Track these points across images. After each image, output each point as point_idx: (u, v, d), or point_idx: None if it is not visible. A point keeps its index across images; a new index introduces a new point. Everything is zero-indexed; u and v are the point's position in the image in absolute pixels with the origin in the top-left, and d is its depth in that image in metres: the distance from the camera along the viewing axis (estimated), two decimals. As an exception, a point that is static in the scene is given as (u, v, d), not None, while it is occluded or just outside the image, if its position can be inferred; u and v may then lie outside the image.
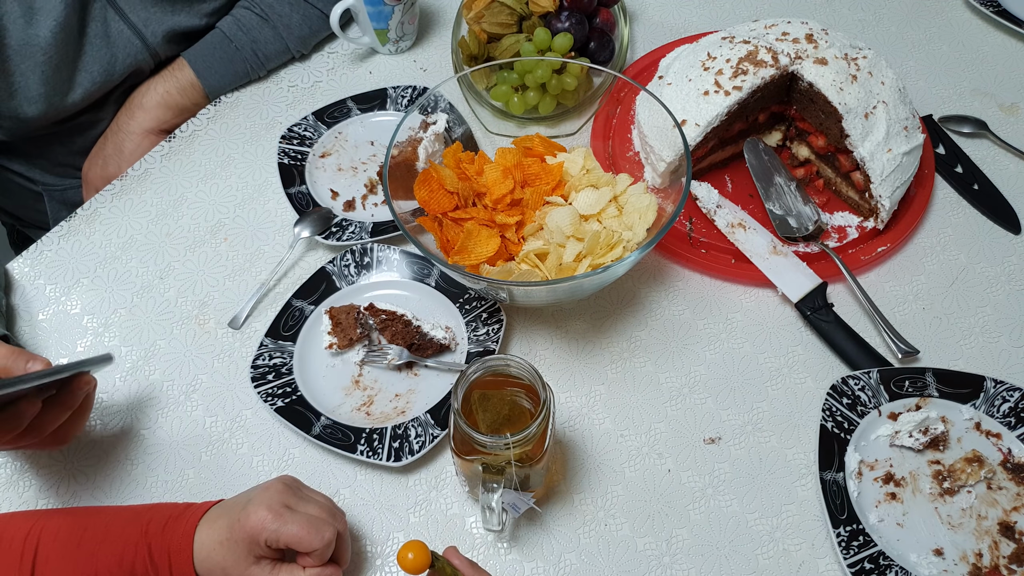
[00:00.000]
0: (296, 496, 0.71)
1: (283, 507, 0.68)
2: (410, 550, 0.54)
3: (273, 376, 0.85)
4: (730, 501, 0.80)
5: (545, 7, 1.06)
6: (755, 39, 0.96)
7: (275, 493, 0.70)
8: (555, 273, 0.81)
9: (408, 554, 0.54)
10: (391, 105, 1.10)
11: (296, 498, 0.71)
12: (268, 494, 0.69)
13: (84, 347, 0.91)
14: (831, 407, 0.82)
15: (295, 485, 0.73)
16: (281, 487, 0.71)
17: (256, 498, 0.69)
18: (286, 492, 0.70)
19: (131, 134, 1.09)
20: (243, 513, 0.68)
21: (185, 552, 0.68)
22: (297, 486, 0.73)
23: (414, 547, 0.54)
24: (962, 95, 1.11)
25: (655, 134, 0.93)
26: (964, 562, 0.75)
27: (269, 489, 0.70)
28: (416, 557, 0.53)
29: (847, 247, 0.95)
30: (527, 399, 0.72)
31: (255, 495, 0.70)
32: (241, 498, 0.71)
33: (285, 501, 0.69)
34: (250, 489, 0.73)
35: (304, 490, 0.73)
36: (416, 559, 0.53)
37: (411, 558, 0.53)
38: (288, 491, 0.71)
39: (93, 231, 1.01)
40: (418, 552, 0.54)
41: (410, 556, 0.53)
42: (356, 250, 0.94)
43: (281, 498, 0.69)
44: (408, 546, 0.54)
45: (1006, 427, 0.81)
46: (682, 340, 0.90)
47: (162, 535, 0.69)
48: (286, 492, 0.70)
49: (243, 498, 0.71)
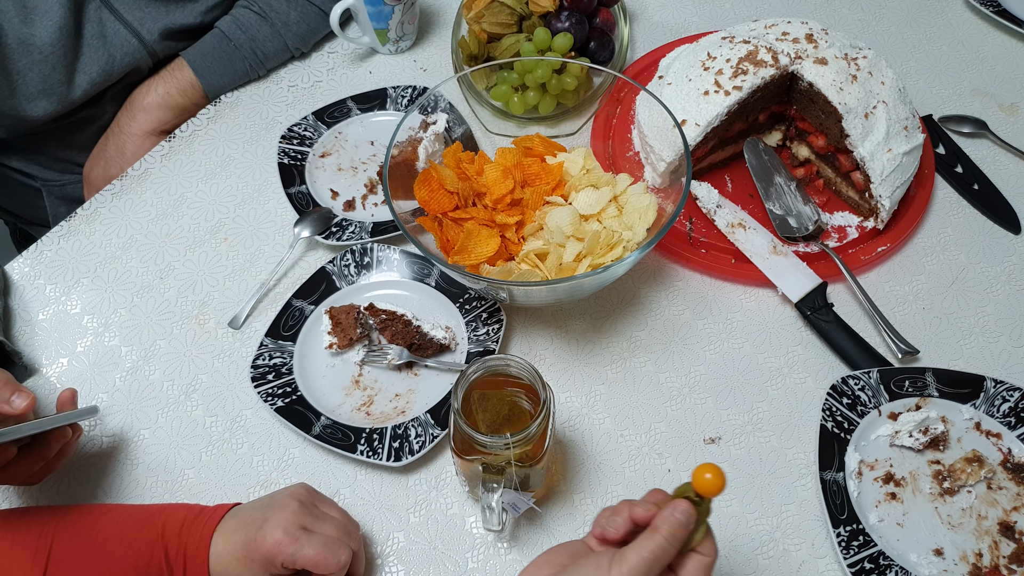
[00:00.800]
0: (312, 516, 0.70)
1: (299, 529, 0.68)
2: (708, 470, 0.54)
3: (273, 376, 0.85)
4: (730, 501, 0.80)
5: (545, 7, 1.06)
6: (755, 39, 0.96)
7: (291, 514, 0.69)
8: (555, 273, 0.81)
9: (706, 474, 0.54)
10: (391, 105, 1.10)
11: (312, 517, 0.70)
12: (284, 514, 0.69)
13: (84, 347, 0.91)
14: (831, 407, 0.82)
15: (311, 501, 0.72)
16: (297, 507, 0.70)
17: (273, 518, 0.68)
18: (302, 512, 0.69)
19: (132, 136, 1.09)
20: (259, 533, 0.68)
21: (201, 556, 0.68)
22: (313, 502, 0.72)
23: (713, 469, 0.54)
24: (962, 95, 1.11)
25: (655, 134, 0.93)
26: (964, 562, 0.75)
27: (285, 509, 0.69)
28: (714, 479, 0.54)
29: (847, 247, 0.95)
30: (527, 399, 0.72)
31: (272, 514, 0.69)
32: (257, 513, 0.70)
33: (301, 522, 0.69)
34: (266, 500, 0.72)
35: (320, 505, 0.72)
36: (714, 480, 0.54)
37: (709, 479, 0.54)
38: (304, 511, 0.70)
39: (93, 231, 1.01)
40: (716, 475, 0.54)
41: (707, 476, 0.54)
42: (356, 250, 0.94)
43: (297, 519, 0.69)
44: (707, 467, 0.54)
45: (1006, 427, 0.81)
46: (682, 340, 0.90)
47: (178, 538, 0.69)
48: (302, 512, 0.69)
49: (259, 514, 0.70)
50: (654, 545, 0.53)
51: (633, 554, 0.54)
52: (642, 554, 0.53)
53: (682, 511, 0.54)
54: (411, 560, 0.77)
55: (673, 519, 0.54)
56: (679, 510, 0.54)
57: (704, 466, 0.54)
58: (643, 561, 0.53)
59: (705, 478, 0.53)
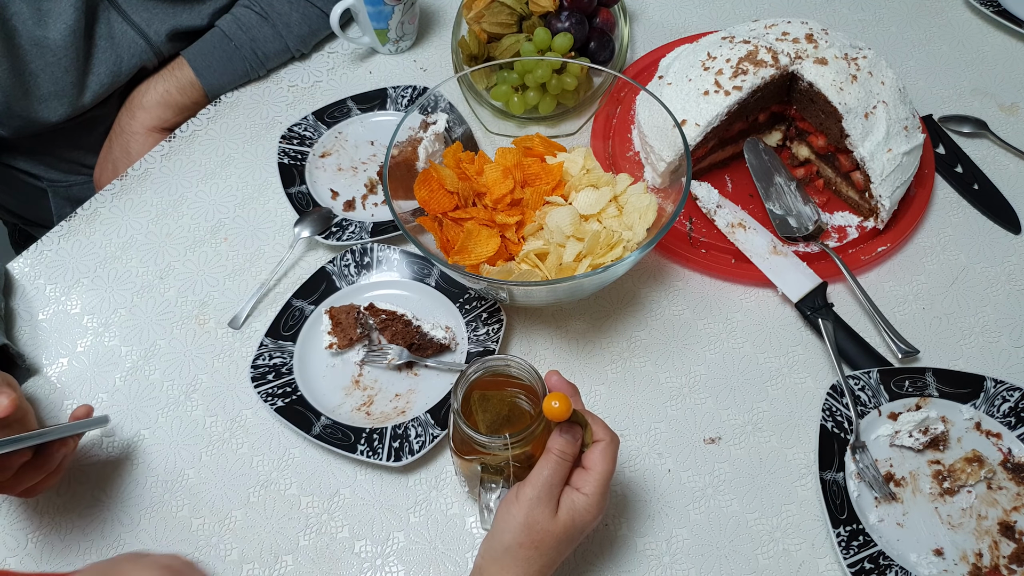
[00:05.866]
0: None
1: None
2: (555, 399, 0.62)
3: (273, 376, 0.85)
4: (730, 501, 0.80)
5: (545, 7, 1.06)
6: (755, 39, 0.96)
7: None
8: (555, 273, 0.81)
9: (553, 403, 0.62)
10: (391, 105, 1.10)
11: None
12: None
13: (84, 347, 0.91)
14: (831, 407, 0.82)
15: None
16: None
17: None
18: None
19: (135, 135, 1.09)
20: None
21: None
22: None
23: (559, 398, 0.62)
24: (962, 95, 1.11)
25: (655, 134, 0.93)
26: (964, 562, 0.75)
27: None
28: (560, 406, 0.62)
29: (847, 247, 0.95)
30: (527, 399, 0.72)
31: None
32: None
33: None
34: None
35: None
36: (560, 407, 0.62)
37: (556, 406, 0.62)
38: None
39: (93, 231, 1.01)
40: (563, 402, 0.62)
41: (554, 404, 0.62)
42: (356, 250, 0.94)
43: None
44: (554, 396, 0.62)
45: (1006, 427, 0.81)
46: (682, 340, 0.90)
47: None
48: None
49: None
50: (550, 463, 0.65)
51: (534, 475, 0.65)
52: (543, 473, 0.64)
53: (566, 430, 0.65)
54: (411, 560, 0.77)
55: (560, 439, 0.65)
56: (563, 430, 0.65)
57: (550, 396, 0.62)
58: (545, 478, 0.64)
59: (552, 406, 0.62)
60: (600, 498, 0.65)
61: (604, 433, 0.67)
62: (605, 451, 0.66)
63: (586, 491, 0.65)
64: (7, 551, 0.78)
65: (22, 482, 0.71)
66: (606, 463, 0.65)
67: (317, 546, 0.78)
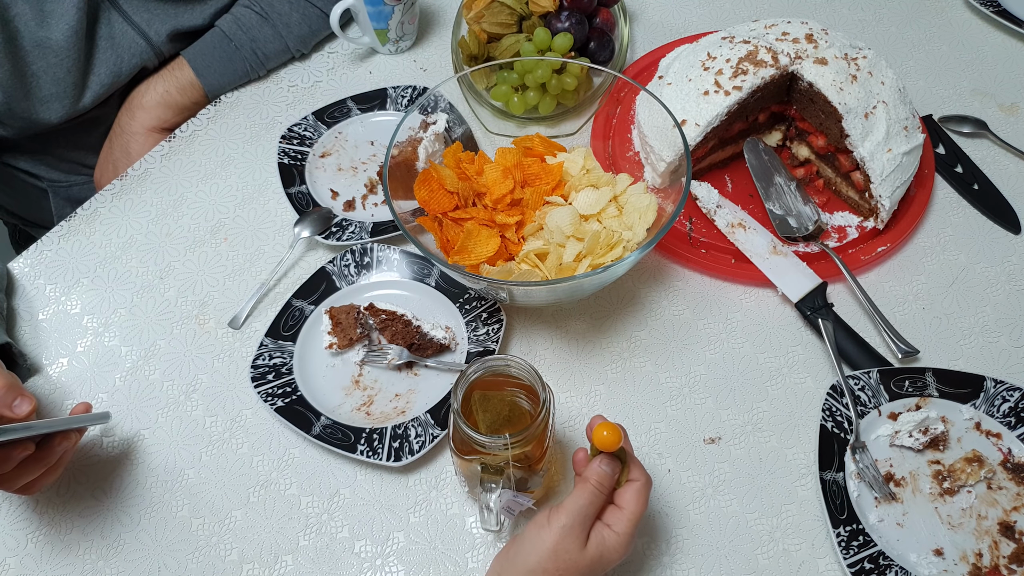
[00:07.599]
0: None
1: None
2: (607, 428, 0.63)
3: (273, 376, 0.85)
4: (730, 501, 0.80)
5: (545, 7, 1.06)
6: (755, 39, 0.96)
7: None
8: (555, 273, 0.81)
9: (604, 432, 0.63)
10: (391, 105, 1.10)
11: None
12: None
13: (84, 347, 0.91)
14: (831, 407, 0.82)
15: None
16: None
17: None
18: None
19: (135, 135, 1.09)
20: None
21: None
22: None
23: (611, 428, 0.63)
24: (962, 95, 1.11)
25: (655, 134, 0.93)
26: (964, 562, 0.75)
27: None
28: (610, 435, 0.63)
29: (847, 247, 0.95)
30: (527, 399, 0.72)
31: None
32: None
33: None
34: None
35: None
36: (610, 436, 0.63)
37: (606, 435, 0.63)
38: None
39: (93, 231, 1.01)
40: (612, 433, 0.63)
41: (605, 433, 0.63)
42: (356, 250, 0.94)
43: None
44: (606, 426, 0.63)
45: (1006, 427, 0.81)
46: (682, 340, 0.90)
47: None
48: None
49: None
50: (587, 493, 0.64)
51: (570, 503, 0.64)
52: (579, 502, 0.64)
53: (607, 463, 0.65)
54: (411, 560, 0.77)
55: (600, 470, 0.65)
56: (604, 462, 0.65)
57: (600, 426, 0.63)
58: (580, 508, 0.64)
59: (603, 435, 0.63)
60: (629, 538, 0.65)
61: (640, 474, 0.67)
62: (640, 492, 0.66)
63: (617, 529, 0.65)
64: (7, 551, 0.78)
65: (23, 475, 0.71)
66: (639, 504, 0.66)
67: (317, 546, 0.78)
